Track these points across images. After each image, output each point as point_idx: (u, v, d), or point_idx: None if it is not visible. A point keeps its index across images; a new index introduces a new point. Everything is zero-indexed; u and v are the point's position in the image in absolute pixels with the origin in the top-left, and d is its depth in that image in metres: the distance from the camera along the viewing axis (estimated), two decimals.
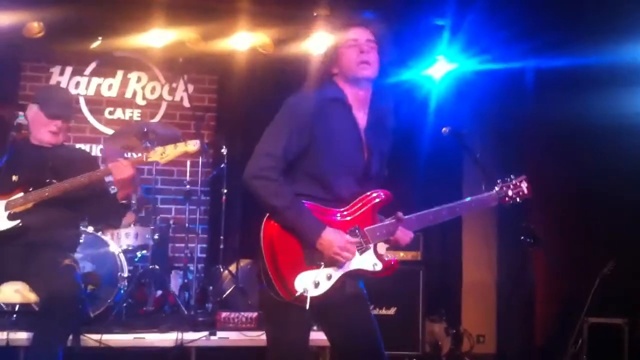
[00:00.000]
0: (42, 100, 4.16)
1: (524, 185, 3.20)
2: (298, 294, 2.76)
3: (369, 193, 2.96)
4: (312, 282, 2.78)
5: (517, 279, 6.38)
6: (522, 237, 4.24)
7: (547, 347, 6.26)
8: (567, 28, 5.80)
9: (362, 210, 2.94)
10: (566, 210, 6.36)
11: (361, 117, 3.01)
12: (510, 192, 3.17)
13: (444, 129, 3.56)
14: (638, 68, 5.79)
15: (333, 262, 2.81)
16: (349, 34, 3.01)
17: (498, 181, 3.19)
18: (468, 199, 3.15)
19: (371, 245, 2.93)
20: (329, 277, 2.82)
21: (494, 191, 3.17)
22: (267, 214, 2.81)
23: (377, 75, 3.00)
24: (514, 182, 3.19)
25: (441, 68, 6.94)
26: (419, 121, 6.65)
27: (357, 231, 2.90)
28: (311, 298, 2.76)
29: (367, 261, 2.92)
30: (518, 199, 3.19)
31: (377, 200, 2.96)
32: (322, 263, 2.81)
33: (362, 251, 2.90)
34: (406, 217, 2.98)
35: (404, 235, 2.97)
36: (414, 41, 6.50)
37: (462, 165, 7.09)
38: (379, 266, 2.93)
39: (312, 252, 2.80)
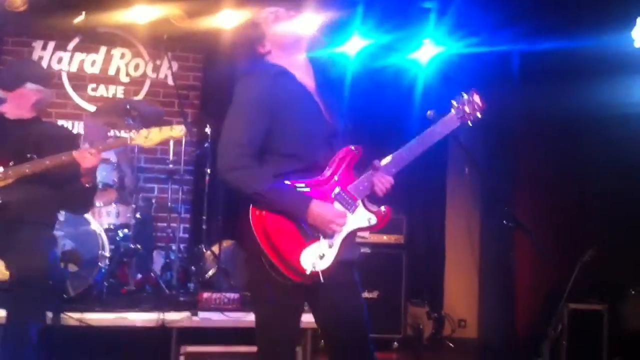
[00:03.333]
0: None
1: (477, 98, 3.15)
2: (308, 271, 2.75)
3: (340, 152, 2.95)
4: (317, 256, 2.78)
5: (500, 264, 6.40)
6: (504, 222, 4.25)
7: (527, 332, 6.31)
8: (557, 12, 5.80)
9: (340, 171, 2.92)
10: (549, 198, 6.40)
11: (309, 83, 3.04)
12: (467, 109, 3.13)
13: (428, 112, 3.55)
14: (628, 55, 5.79)
15: (329, 233, 2.80)
16: (266, 11, 3.07)
17: (452, 102, 3.16)
18: (432, 127, 3.12)
19: (359, 202, 2.92)
20: (331, 246, 2.81)
21: (452, 112, 3.14)
22: (252, 206, 2.78)
23: (311, 40, 3.06)
24: (467, 98, 3.15)
25: (428, 51, 6.91)
26: (405, 105, 6.63)
27: (341, 193, 2.89)
28: (322, 271, 2.76)
29: (361, 218, 2.92)
30: (478, 114, 3.15)
31: (350, 156, 2.95)
32: (320, 234, 2.80)
33: (352, 210, 2.90)
34: (381, 163, 2.97)
35: (385, 181, 2.96)
36: (400, 24, 6.47)
37: (447, 149, 7.10)
38: (374, 219, 2.93)
39: (307, 226, 2.79)
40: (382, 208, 2.96)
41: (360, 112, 6.10)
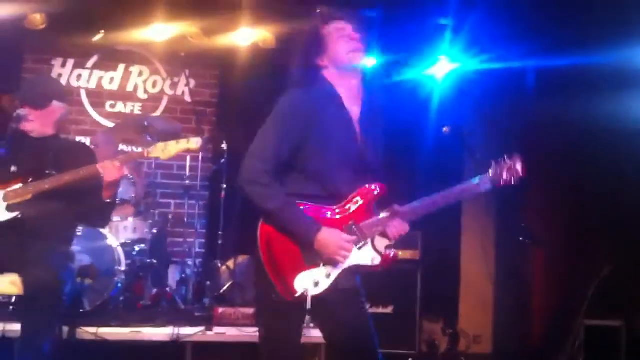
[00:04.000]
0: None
1: (519, 166, 3.04)
2: (298, 293, 2.77)
3: (364, 188, 2.95)
4: (312, 282, 2.80)
5: (515, 280, 6.37)
6: (520, 238, 4.23)
7: (543, 349, 6.26)
8: (571, 28, 5.79)
9: (357, 205, 2.92)
10: (566, 211, 6.35)
11: (354, 110, 3.01)
12: (505, 175, 3.02)
13: (445, 128, 3.56)
14: None
15: (331, 261, 2.82)
16: (333, 26, 3.03)
17: (492, 162, 3.06)
18: (461, 185, 3.06)
19: (369, 240, 2.92)
20: (328, 276, 2.83)
21: (488, 174, 3.04)
22: (262, 218, 2.82)
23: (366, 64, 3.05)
24: (508, 163, 3.04)
25: (443, 67, 6.92)
26: (421, 120, 6.64)
27: (353, 227, 2.89)
28: (312, 297, 2.77)
29: (365, 256, 2.91)
30: (513, 181, 3.04)
31: (372, 194, 2.94)
32: (321, 262, 2.82)
33: (360, 246, 2.89)
34: (401, 208, 2.96)
35: (401, 227, 2.94)
36: (416, 40, 6.50)
37: (463, 165, 7.07)
38: (378, 260, 2.91)
39: (311, 251, 2.81)
40: (391, 253, 2.94)
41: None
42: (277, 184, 2.83)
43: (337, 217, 2.89)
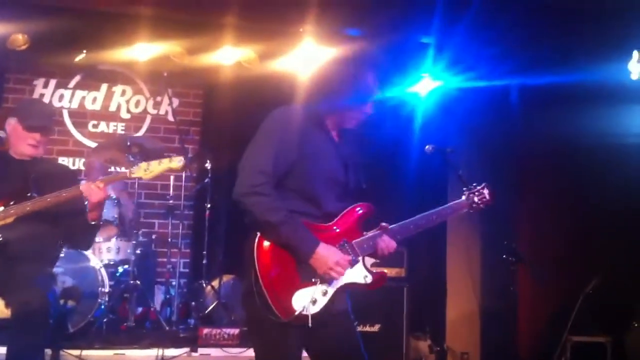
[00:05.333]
0: (20, 113, 4.11)
1: (486, 192, 3.33)
2: (297, 312, 2.73)
3: (353, 206, 2.98)
4: (309, 300, 2.77)
5: (501, 297, 6.36)
6: (504, 255, 4.28)
7: None
8: (554, 46, 5.84)
9: (348, 224, 2.95)
10: (552, 228, 6.37)
11: (335, 135, 3.05)
12: (475, 199, 3.31)
13: (427, 147, 3.61)
14: (623, 86, 5.84)
15: (327, 278, 2.81)
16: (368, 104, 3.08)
17: (464, 189, 3.34)
18: (440, 208, 3.26)
19: (360, 258, 2.94)
20: (325, 293, 2.82)
21: (463, 198, 3.31)
22: (258, 235, 2.76)
23: None
24: (477, 189, 3.32)
25: (427, 85, 6.95)
26: (405, 138, 6.65)
27: (346, 245, 2.91)
28: (311, 316, 2.75)
29: (358, 274, 2.93)
30: (482, 205, 3.32)
31: (361, 212, 2.99)
32: (318, 279, 2.80)
33: (352, 264, 2.90)
34: (390, 226, 3.04)
35: (389, 244, 3.00)
36: (399, 58, 6.52)
37: (446, 182, 7.09)
38: (370, 278, 2.95)
39: (307, 268, 2.79)
40: (384, 271, 3.03)
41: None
42: (277, 197, 2.80)
43: (332, 234, 2.90)
